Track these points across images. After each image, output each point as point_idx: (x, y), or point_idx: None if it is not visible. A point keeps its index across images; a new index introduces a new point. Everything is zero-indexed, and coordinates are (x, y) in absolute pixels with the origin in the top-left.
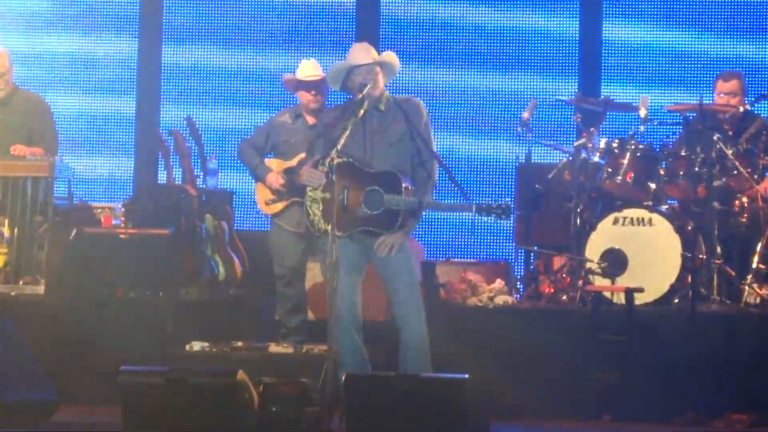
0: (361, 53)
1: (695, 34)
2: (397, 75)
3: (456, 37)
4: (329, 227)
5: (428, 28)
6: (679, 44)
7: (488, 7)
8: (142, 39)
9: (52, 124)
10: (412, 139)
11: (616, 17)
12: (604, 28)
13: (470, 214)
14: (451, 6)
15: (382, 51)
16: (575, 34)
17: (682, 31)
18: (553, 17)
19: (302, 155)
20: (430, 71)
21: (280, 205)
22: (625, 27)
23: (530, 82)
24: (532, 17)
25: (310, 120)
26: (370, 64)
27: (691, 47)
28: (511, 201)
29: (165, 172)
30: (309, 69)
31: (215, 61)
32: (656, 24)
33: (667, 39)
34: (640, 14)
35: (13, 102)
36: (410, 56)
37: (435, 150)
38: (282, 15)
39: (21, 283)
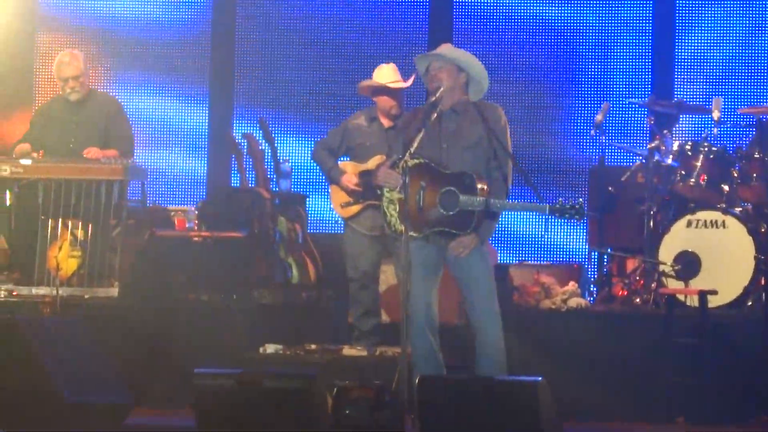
0: (441, 49)
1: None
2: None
3: (530, 39)
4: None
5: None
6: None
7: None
8: (214, 41)
9: (128, 126)
10: (489, 143)
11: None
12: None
13: (544, 215)
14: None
15: None
16: (649, 38)
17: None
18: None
19: (378, 157)
20: (503, 74)
21: (355, 208)
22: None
23: (604, 85)
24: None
25: (386, 123)
26: (446, 60)
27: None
28: (584, 201)
29: (238, 174)
30: (392, 75)
31: (290, 61)
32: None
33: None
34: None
35: (89, 104)
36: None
37: (511, 153)
38: (358, 21)
39: (95, 285)
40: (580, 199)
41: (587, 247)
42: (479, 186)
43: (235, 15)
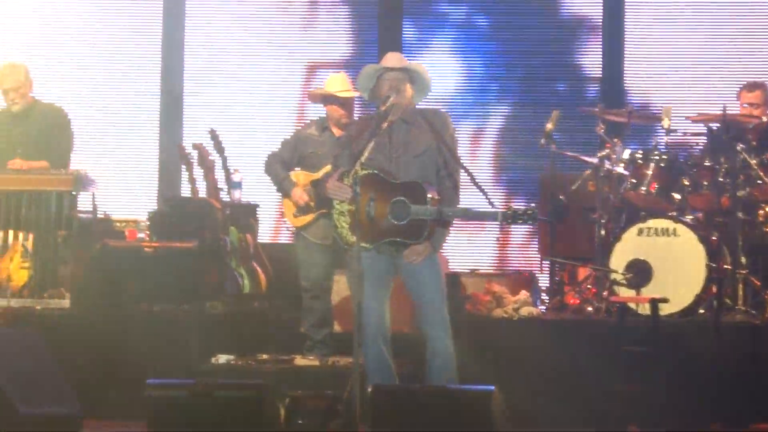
0: (393, 59)
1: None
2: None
3: (479, 48)
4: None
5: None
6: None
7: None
8: (164, 50)
9: (67, 137)
10: (439, 151)
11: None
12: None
13: (496, 222)
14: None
15: None
16: (599, 45)
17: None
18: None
19: (329, 167)
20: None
21: (308, 218)
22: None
23: (554, 93)
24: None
25: (337, 132)
26: (399, 69)
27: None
28: (536, 207)
29: (189, 185)
30: (342, 84)
31: (239, 71)
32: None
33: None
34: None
35: (32, 115)
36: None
37: (460, 161)
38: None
39: (46, 296)
40: (533, 205)
41: (539, 255)
42: (429, 195)
43: (184, 24)
